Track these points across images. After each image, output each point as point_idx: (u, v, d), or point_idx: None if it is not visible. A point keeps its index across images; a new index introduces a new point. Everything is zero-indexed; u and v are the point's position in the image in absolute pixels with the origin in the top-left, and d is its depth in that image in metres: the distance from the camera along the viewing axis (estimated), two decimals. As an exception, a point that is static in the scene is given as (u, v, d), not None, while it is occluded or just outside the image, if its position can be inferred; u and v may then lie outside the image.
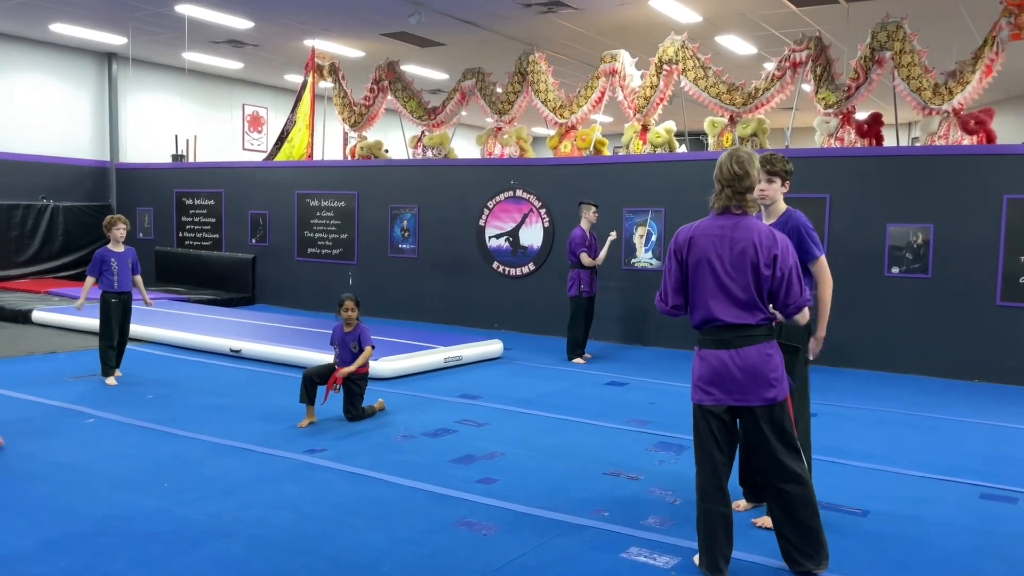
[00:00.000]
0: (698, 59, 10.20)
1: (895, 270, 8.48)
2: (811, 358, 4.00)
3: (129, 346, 7.56)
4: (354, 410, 5.97)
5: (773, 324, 3.35)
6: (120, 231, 7.44)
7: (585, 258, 8.56)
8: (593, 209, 8.76)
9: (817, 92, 9.51)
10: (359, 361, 5.89)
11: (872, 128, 9.43)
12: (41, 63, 14.33)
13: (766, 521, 3.86)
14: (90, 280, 7.35)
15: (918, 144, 9.33)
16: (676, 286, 3.35)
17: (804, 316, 3.36)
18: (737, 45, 12.95)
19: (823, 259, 3.96)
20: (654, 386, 7.57)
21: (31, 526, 3.80)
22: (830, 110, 9.43)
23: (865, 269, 8.62)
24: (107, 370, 7.08)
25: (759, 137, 9.95)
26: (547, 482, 4.66)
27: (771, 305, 3.32)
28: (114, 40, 13.85)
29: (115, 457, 4.92)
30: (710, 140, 10.57)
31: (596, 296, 8.86)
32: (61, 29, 13.18)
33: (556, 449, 5.37)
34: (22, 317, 10.46)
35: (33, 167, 14.21)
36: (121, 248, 7.39)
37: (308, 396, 5.82)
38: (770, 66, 10.03)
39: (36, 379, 7.11)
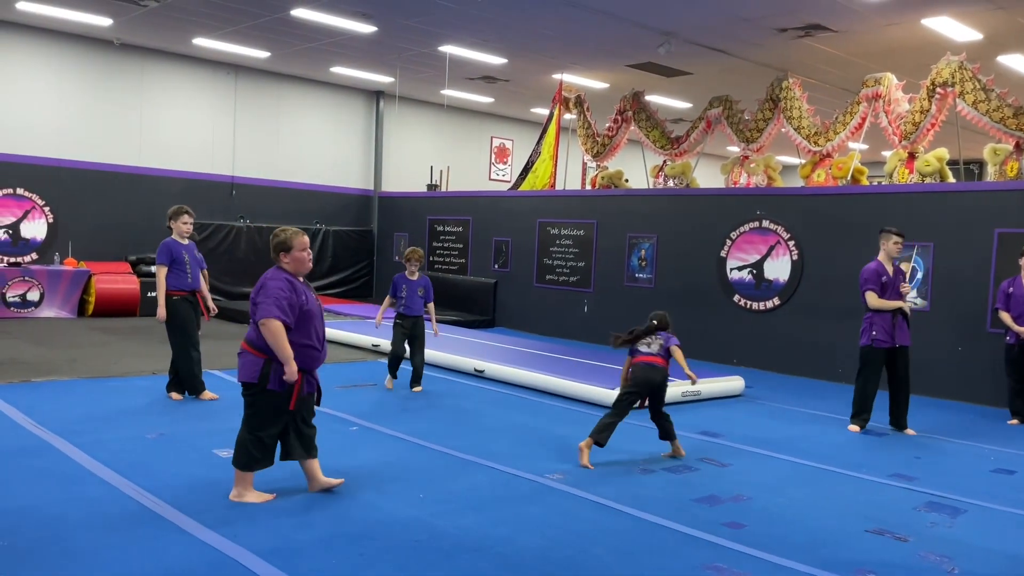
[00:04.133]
0: (979, 80, 9.25)
1: None
2: None
3: (383, 360, 8.08)
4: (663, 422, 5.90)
5: None
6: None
7: (872, 298, 6.92)
8: (894, 239, 7.00)
9: None
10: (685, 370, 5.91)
11: None
12: (321, 102, 16.03)
13: None
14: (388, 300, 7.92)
15: None
16: None
17: None
18: (1023, 64, 11.62)
19: None
20: (917, 439, 6.87)
21: (307, 522, 4.15)
22: None
23: None
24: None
25: (1052, 166, 8.80)
26: (801, 533, 4.35)
27: None
28: (382, 79, 15.19)
29: (377, 464, 5.27)
30: (991, 169, 9.52)
31: (907, 348, 7.00)
32: (339, 71, 14.67)
33: (808, 498, 5.01)
34: (296, 329, 11.61)
35: (309, 194, 15.89)
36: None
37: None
38: (1067, 86, 8.87)
39: (308, 386, 7.82)
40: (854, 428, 7.09)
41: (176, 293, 6.85)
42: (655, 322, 6.01)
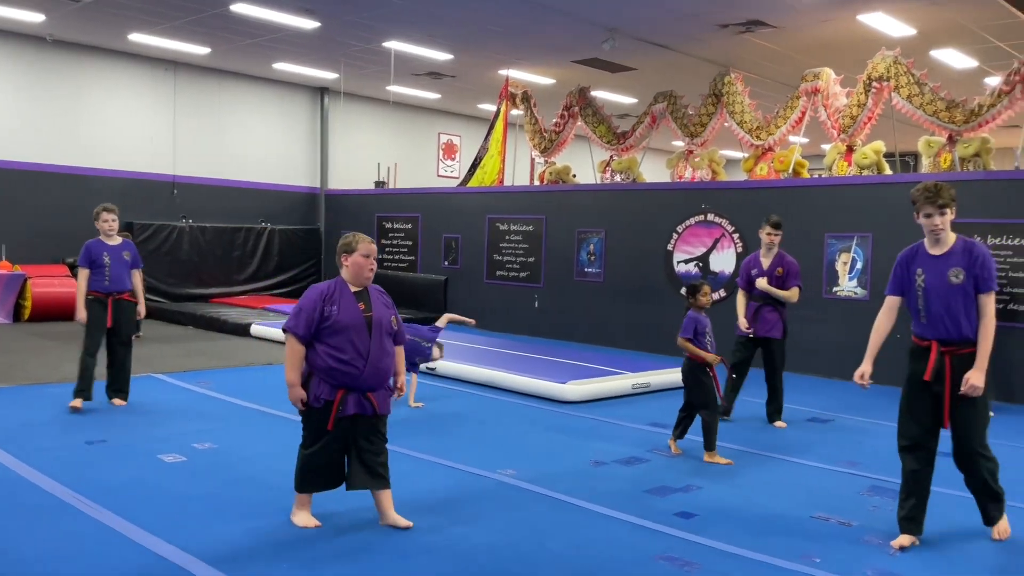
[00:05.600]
0: (912, 75, 9.52)
1: None
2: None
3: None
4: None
5: None
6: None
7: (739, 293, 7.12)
8: (766, 230, 6.86)
9: (1054, 107, 8.59)
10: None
11: (1123, 145, 8.38)
12: (264, 99, 15.77)
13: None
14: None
15: None
16: None
17: None
18: (955, 59, 12.00)
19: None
20: (860, 424, 7.06)
21: (259, 527, 4.08)
22: (1070, 126, 8.48)
23: (1114, 304, 7.63)
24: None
25: (982, 158, 9.11)
26: (749, 520, 4.43)
27: None
28: (327, 75, 15.00)
29: (326, 465, 5.21)
30: (925, 161, 9.82)
31: (772, 340, 6.87)
32: (283, 67, 14.44)
33: (756, 486, 5.11)
34: (242, 330, 11.44)
35: (254, 193, 15.62)
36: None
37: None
38: (995, 80, 9.19)
39: (256, 388, 7.71)
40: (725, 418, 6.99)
41: (89, 294, 6.62)
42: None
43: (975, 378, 3.93)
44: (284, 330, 4.00)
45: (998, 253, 8.23)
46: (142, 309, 6.96)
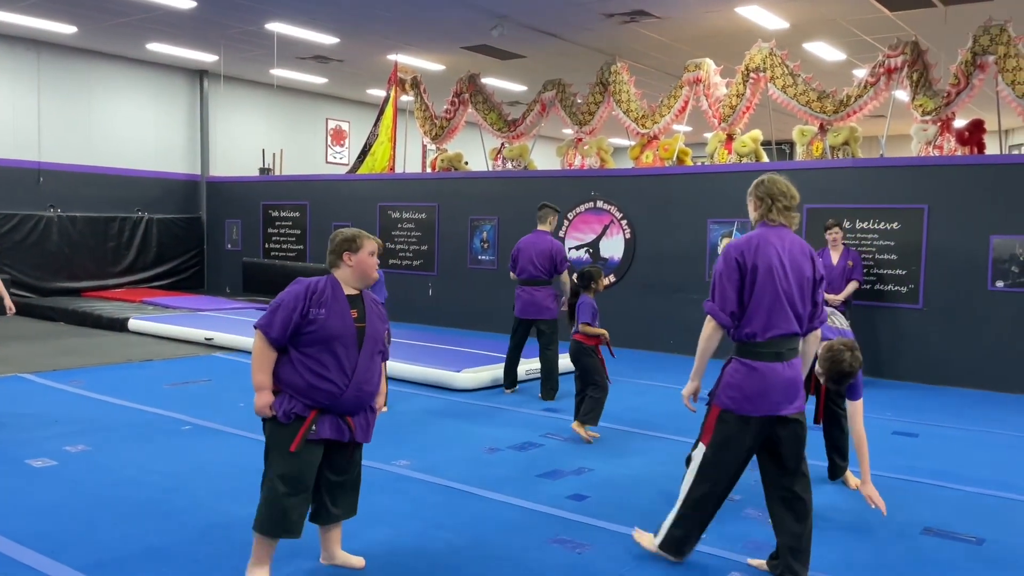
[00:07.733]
0: (787, 66, 9.95)
1: (999, 284, 8.07)
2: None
3: (218, 354, 7.71)
4: None
5: None
6: None
7: None
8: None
9: (914, 99, 9.15)
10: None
11: (973, 135, 9.01)
12: (137, 81, 14.96)
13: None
14: None
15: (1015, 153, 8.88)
16: (736, 296, 3.42)
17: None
18: (826, 52, 12.61)
19: None
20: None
21: (136, 531, 3.90)
22: (928, 117, 9.07)
23: (966, 283, 8.23)
24: None
25: (851, 146, 9.63)
26: (638, 500, 4.56)
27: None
28: (206, 58, 14.37)
29: (212, 463, 5.03)
30: (799, 149, 10.29)
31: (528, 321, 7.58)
32: (157, 48, 13.73)
33: (646, 465, 5.26)
34: (119, 325, 10.87)
35: (129, 181, 14.82)
36: None
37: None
38: (862, 72, 9.72)
39: (133, 386, 7.35)
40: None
41: None
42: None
43: None
44: (255, 327, 3.35)
45: (865, 236, 8.74)
46: None
